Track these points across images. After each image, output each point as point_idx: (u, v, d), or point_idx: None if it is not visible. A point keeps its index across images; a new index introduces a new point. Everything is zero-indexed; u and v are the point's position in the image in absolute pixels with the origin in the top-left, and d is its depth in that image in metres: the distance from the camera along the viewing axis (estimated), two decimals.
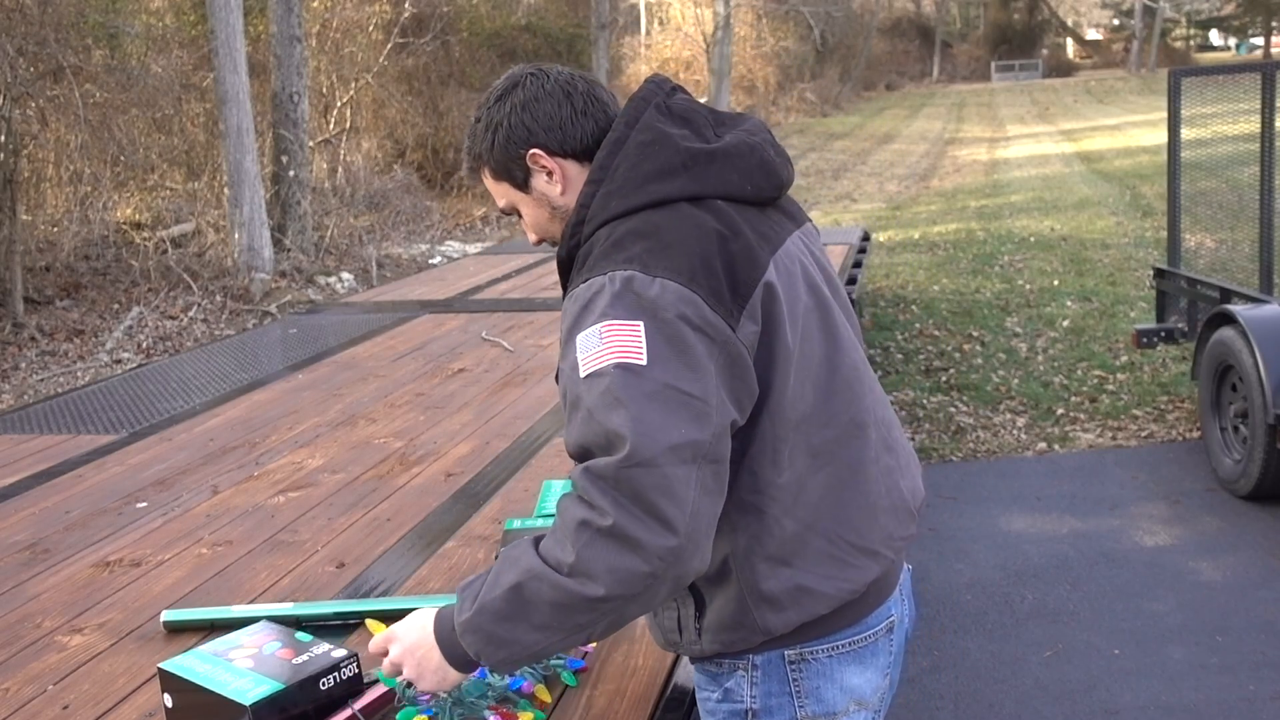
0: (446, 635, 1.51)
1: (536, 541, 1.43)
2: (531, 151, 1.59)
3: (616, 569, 1.34)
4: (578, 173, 1.60)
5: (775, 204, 1.64)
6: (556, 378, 1.50)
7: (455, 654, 1.51)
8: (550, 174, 1.60)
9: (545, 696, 1.82)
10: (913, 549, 4.79)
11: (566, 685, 1.88)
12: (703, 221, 1.50)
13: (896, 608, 1.67)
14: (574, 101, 1.60)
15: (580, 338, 1.42)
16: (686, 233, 1.47)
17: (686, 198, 1.52)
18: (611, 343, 1.39)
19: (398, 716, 1.74)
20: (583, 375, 1.40)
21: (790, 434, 1.51)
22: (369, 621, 1.95)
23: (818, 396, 1.53)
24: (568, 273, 1.60)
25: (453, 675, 1.54)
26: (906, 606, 1.72)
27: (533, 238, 1.70)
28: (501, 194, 1.66)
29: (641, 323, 1.39)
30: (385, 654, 1.61)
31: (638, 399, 1.35)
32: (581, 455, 1.41)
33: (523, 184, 1.63)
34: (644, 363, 1.37)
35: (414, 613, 1.59)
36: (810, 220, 1.74)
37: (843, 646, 1.59)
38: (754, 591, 1.52)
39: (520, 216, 1.69)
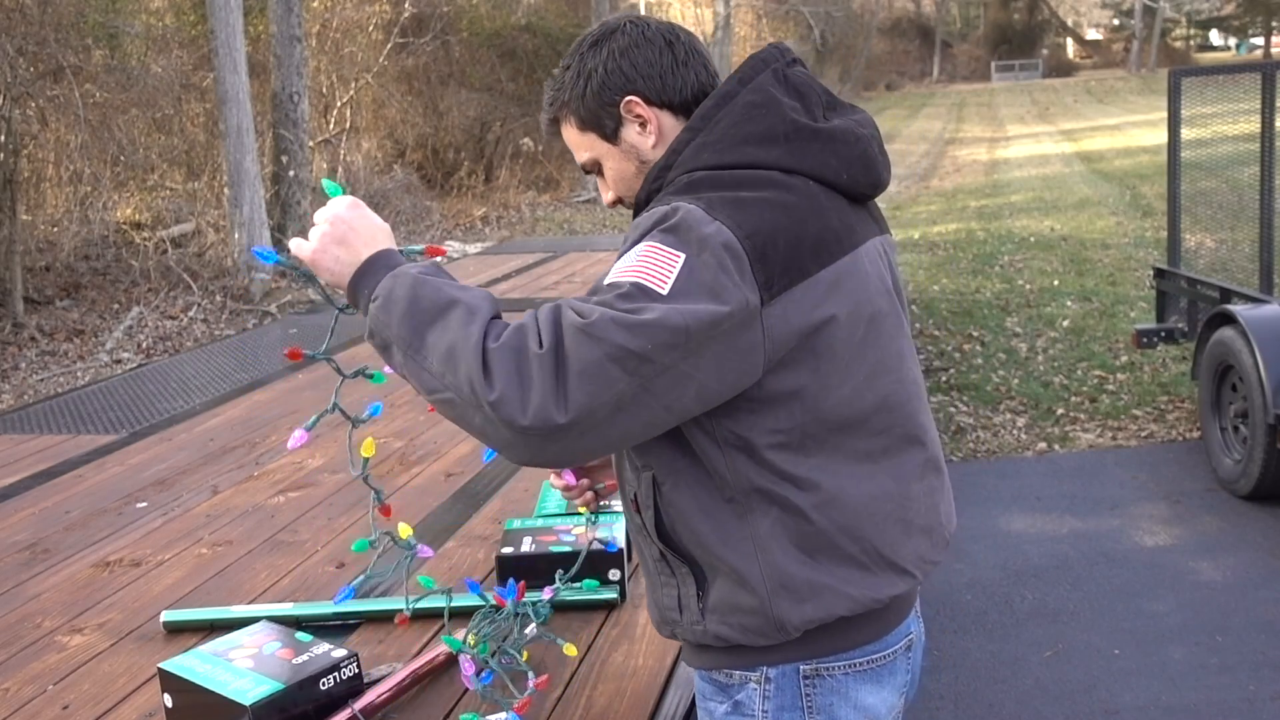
0: (370, 272, 1.42)
1: (498, 314, 1.36)
2: (628, 99, 1.52)
3: (505, 389, 1.28)
4: (672, 125, 1.54)
5: (866, 204, 1.58)
6: None
7: (357, 284, 1.43)
8: (644, 124, 1.54)
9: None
10: None
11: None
12: (784, 194, 1.43)
13: (915, 625, 1.63)
14: (675, 51, 1.54)
15: (627, 254, 1.38)
16: (762, 199, 1.41)
17: (780, 168, 1.45)
18: (645, 263, 1.35)
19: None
20: (605, 281, 1.37)
21: (828, 435, 1.45)
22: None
23: (875, 404, 1.48)
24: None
25: (342, 272, 1.44)
26: (920, 624, 1.68)
27: (610, 196, 1.61)
28: (585, 146, 1.58)
29: (684, 256, 1.34)
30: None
31: (632, 310, 1.31)
32: None
33: (612, 135, 1.56)
34: (663, 292, 1.32)
35: (375, 218, 1.48)
36: (890, 233, 1.68)
37: (860, 665, 1.54)
38: (774, 576, 1.46)
39: (599, 174, 1.61)
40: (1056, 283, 10.14)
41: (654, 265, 1.34)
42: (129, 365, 8.70)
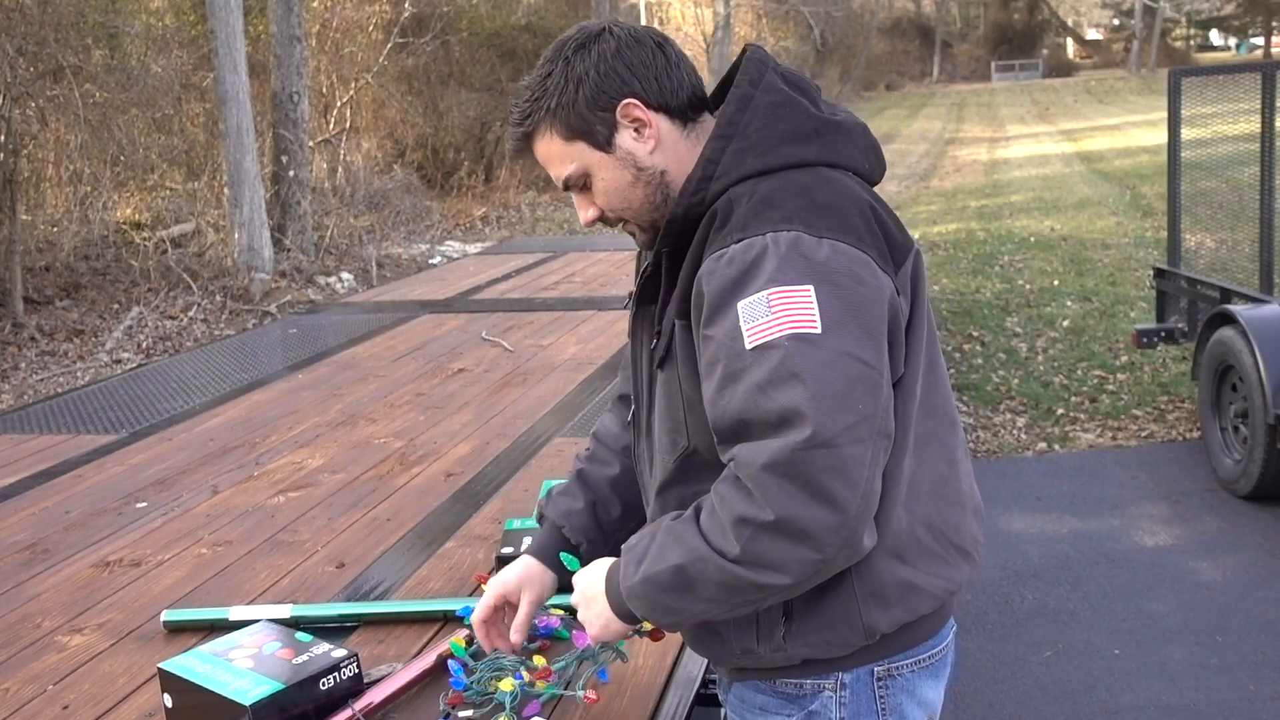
0: (614, 592, 1.48)
1: (697, 514, 1.36)
2: (626, 102, 1.44)
3: (790, 560, 1.28)
4: (669, 130, 1.47)
5: None
6: (658, 358, 1.47)
7: (622, 610, 1.47)
8: (641, 129, 1.45)
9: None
10: None
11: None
12: (848, 185, 1.42)
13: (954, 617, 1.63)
14: (667, 52, 1.47)
15: (742, 305, 1.31)
16: (838, 194, 1.39)
17: (824, 163, 1.43)
18: (781, 311, 1.28)
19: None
20: (749, 346, 1.29)
21: (912, 415, 1.43)
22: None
23: (925, 385, 1.46)
24: (680, 233, 1.45)
25: (615, 626, 1.50)
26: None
27: (591, 214, 1.51)
28: (573, 158, 1.47)
29: (811, 287, 1.29)
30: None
31: (815, 372, 1.26)
32: (737, 429, 1.31)
33: (604, 142, 1.46)
34: (818, 331, 1.28)
35: (598, 561, 1.55)
36: None
37: (924, 661, 1.53)
38: (866, 584, 1.42)
39: (579, 190, 1.51)
40: (1056, 283, 10.15)
41: (791, 308, 1.29)
42: (129, 365, 8.70)
